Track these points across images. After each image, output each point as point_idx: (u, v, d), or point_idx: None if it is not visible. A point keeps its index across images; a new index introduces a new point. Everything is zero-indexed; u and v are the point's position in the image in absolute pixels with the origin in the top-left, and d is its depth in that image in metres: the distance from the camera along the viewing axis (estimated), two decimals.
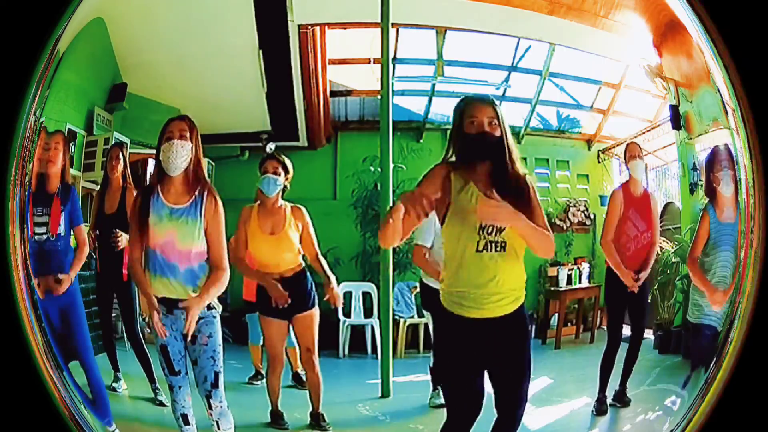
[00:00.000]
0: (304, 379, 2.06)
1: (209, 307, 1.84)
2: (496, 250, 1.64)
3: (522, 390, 1.72)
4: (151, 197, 1.81)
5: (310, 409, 1.97)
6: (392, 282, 1.99)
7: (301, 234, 2.02)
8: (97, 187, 1.97)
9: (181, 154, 1.78)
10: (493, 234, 1.64)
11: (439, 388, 1.86)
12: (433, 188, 1.63)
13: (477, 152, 1.66)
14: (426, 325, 2.09)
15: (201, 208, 1.80)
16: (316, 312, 2.02)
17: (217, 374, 1.82)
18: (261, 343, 2.06)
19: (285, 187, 2.00)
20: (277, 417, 1.97)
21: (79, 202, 1.90)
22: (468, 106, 1.68)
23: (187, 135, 1.79)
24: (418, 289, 2.09)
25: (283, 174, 1.98)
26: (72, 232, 1.87)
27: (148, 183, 1.88)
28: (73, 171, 1.89)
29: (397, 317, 2.05)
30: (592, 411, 2.01)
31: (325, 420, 1.94)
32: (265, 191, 1.98)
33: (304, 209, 2.01)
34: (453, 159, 1.70)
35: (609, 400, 2.02)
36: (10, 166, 1.52)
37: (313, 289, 2.03)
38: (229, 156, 2.02)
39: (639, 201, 2.08)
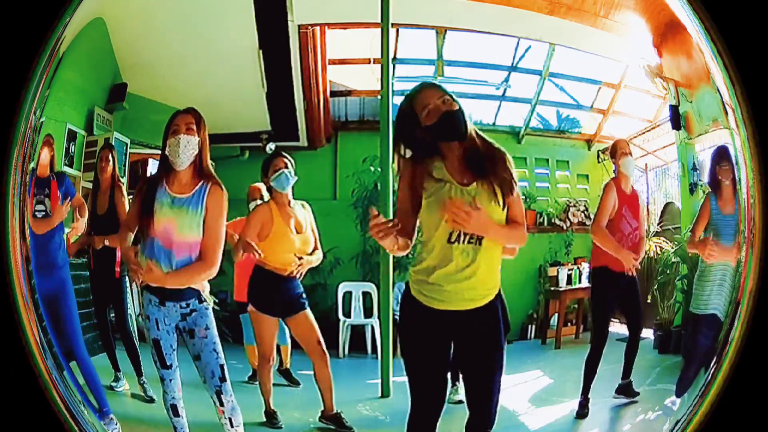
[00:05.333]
0: (293, 376, 2.07)
1: (200, 300, 1.81)
2: (470, 243, 1.53)
3: (493, 384, 1.60)
4: (157, 188, 1.78)
5: (322, 408, 1.94)
6: (392, 282, 1.99)
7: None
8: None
9: (187, 149, 1.74)
10: None
11: (458, 384, 1.74)
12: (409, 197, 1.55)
13: (446, 133, 1.52)
14: None
15: (203, 199, 1.76)
16: (309, 311, 2.01)
17: (222, 366, 1.79)
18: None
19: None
20: (270, 416, 1.96)
21: (70, 181, 1.89)
22: (417, 95, 1.56)
23: (194, 128, 1.75)
24: None
25: (292, 170, 1.98)
26: (69, 204, 1.86)
27: (155, 173, 1.83)
28: (72, 171, 1.90)
29: (397, 317, 2.05)
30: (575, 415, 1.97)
31: (344, 420, 1.92)
32: (281, 187, 1.97)
33: (308, 204, 2.01)
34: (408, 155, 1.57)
35: (614, 394, 2.01)
36: (9, 166, 1.53)
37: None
38: (229, 156, 2.02)
39: (630, 198, 2.07)
